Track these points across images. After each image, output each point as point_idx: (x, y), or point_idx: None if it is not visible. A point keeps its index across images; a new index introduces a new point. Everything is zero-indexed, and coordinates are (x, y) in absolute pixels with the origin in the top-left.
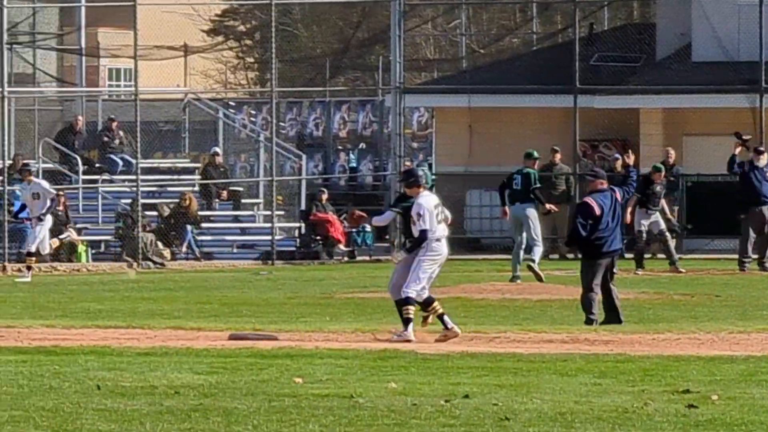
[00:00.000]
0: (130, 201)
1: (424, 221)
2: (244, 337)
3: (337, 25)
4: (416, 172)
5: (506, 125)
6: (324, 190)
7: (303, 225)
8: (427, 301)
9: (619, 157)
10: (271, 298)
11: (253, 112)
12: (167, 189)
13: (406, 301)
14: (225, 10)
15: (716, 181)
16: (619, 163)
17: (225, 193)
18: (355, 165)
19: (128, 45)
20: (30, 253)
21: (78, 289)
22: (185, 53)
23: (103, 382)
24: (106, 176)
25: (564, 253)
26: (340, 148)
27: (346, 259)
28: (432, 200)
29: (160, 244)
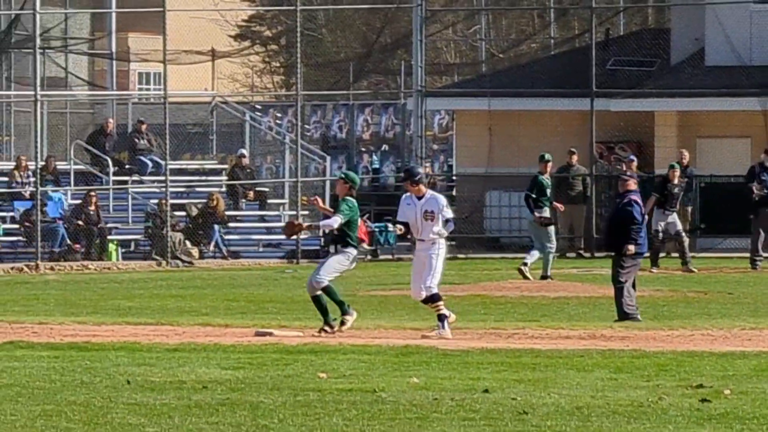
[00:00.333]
0: (159, 201)
1: (449, 210)
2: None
3: (361, 30)
4: (420, 170)
5: (525, 128)
6: None
7: None
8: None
9: (634, 158)
10: (296, 295)
11: (279, 115)
12: (195, 189)
13: (432, 299)
14: (251, 15)
15: (729, 182)
16: (634, 165)
17: (251, 193)
18: (378, 166)
19: (158, 50)
20: None
21: (108, 287)
22: (213, 58)
23: (133, 377)
24: (136, 177)
25: (591, 251)
26: (363, 149)
27: (369, 257)
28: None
29: (189, 243)
